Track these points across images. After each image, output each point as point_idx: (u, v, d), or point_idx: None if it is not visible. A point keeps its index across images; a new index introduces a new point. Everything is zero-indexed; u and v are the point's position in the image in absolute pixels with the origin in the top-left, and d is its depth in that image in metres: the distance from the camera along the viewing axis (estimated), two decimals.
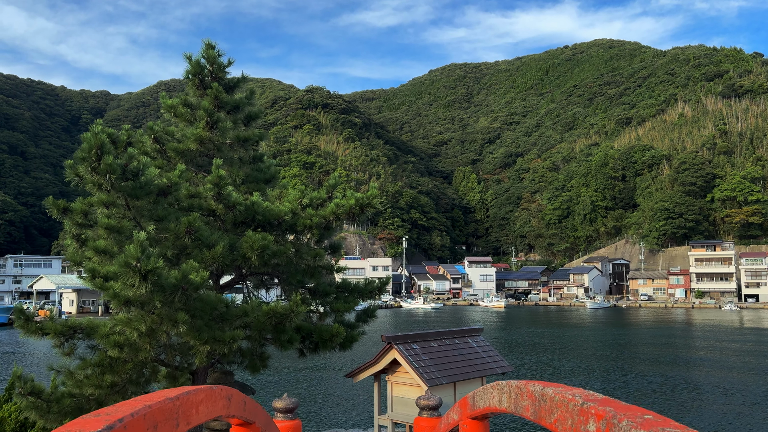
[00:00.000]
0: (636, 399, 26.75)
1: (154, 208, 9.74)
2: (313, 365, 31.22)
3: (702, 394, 27.89)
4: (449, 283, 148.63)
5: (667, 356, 42.21)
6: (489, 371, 10.11)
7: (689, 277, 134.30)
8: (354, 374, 9.96)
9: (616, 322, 79.25)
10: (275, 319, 9.59)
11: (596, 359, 40.68)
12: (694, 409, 24.64)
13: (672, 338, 54.84)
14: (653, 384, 30.59)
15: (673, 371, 34.96)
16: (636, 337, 56.74)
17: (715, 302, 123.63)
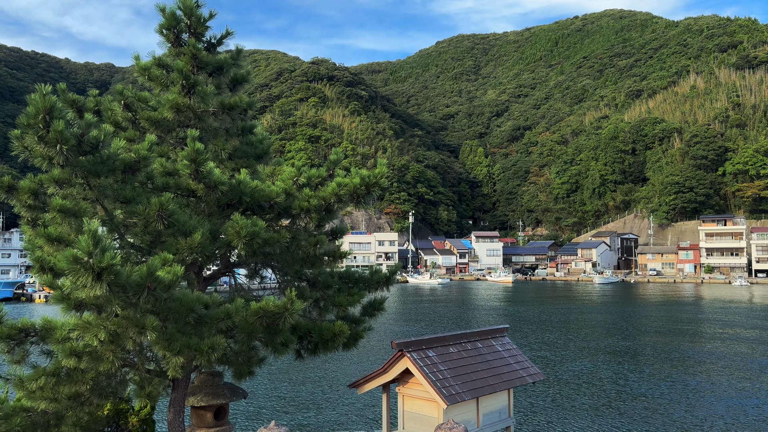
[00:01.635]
0: (643, 385, 25.36)
1: (121, 188, 8.18)
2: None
3: (713, 382, 26.46)
4: (456, 257, 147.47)
5: (676, 339, 40.77)
6: (518, 381, 8.61)
7: (699, 251, 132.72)
8: (358, 384, 8.46)
9: (625, 298, 77.91)
10: (266, 320, 8.08)
11: (603, 338, 39.33)
12: (702, 399, 23.22)
13: (681, 317, 53.38)
14: (662, 369, 29.18)
15: (683, 355, 33.53)
16: (644, 314, 55.34)
17: (724, 277, 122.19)
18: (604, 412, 21.14)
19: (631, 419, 20.12)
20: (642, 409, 21.48)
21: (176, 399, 9.42)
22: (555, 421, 19.55)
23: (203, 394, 10.44)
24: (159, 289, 6.86)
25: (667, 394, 23.66)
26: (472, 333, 8.93)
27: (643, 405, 22.03)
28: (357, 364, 29.42)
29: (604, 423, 19.64)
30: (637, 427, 19.19)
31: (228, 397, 10.55)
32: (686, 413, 20.84)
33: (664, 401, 22.60)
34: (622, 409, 21.44)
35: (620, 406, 21.84)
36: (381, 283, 11.34)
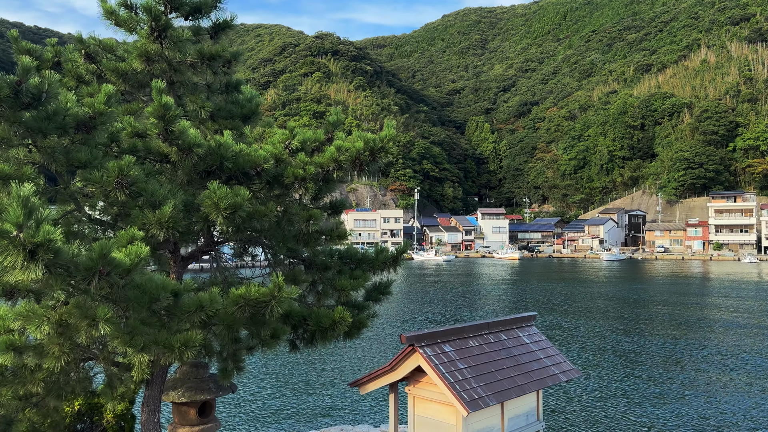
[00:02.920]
0: (651, 368, 24.14)
1: (76, 150, 6.82)
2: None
3: (725, 362, 25.23)
4: (461, 234, 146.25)
5: (685, 318, 39.54)
6: (550, 379, 7.30)
7: (708, 228, 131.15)
8: (361, 383, 7.17)
9: (632, 275, 76.64)
10: (249, 309, 6.76)
11: (611, 319, 38.14)
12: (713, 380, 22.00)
13: (689, 295, 52.11)
14: (669, 351, 27.97)
15: (693, 340, 32.30)
16: (653, 292, 54.10)
17: (733, 254, 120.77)
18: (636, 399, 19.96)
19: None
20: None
21: (151, 396, 8.16)
22: (589, 417, 18.37)
23: (185, 388, 9.19)
24: (114, 274, 5.53)
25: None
26: (494, 323, 7.60)
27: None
28: (355, 349, 28.30)
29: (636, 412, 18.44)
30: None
31: (214, 391, 9.30)
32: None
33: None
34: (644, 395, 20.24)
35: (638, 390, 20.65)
36: (387, 264, 10.01)
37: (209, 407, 9.63)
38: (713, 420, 17.51)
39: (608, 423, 17.23)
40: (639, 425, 17.05)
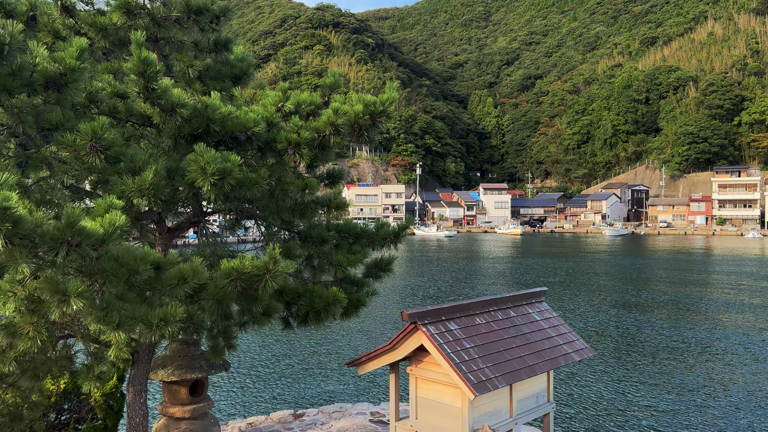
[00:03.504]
0: (653, 345, 23.80)
1: (47, 111, 6.25)
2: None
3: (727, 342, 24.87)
4: (463, 210, 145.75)
5: (687, 293, 39.17)
6: (562, 359, 6.81)
7: (711, 203, 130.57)
8: (360, 363, 6.70)
9: (634, 250, 76.20)
10: (241, 284, 6.26)
11: (612, 294, 37.78)
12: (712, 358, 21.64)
13: (690, 271, 51.71)
14: (671, 330, 27.61)
15: (693, 318, 31.95)
16: (654, 268, 53.71)
17: (736, 229, 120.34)
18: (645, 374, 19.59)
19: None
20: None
21: (136, 376, 7.70)
22: (600, 395, 18.02)
23: (175, 366, 8.72)
24: (86, 245, 5.00)
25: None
26: (502, 298, 7.09)
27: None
28: (353, 325, 27.95)
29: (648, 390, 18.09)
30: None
31: (206, 369, 8.84)
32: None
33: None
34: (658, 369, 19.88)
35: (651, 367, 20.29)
36: (388, 240, 9.48)
37: (201, 386, 9.19)
38: (716, 400, 17.15)
39: (615, 403, 16.87)
40: (643, 405, 16.69)
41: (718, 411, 15.99)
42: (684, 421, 15.28)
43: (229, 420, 11.31)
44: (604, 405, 16.55)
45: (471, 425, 6.10)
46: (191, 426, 8.94)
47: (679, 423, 15.13)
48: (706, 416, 15.59)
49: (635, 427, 14.87)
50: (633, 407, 16.33)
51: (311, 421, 10.99)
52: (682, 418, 15.50)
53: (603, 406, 16.49)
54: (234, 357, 21.10)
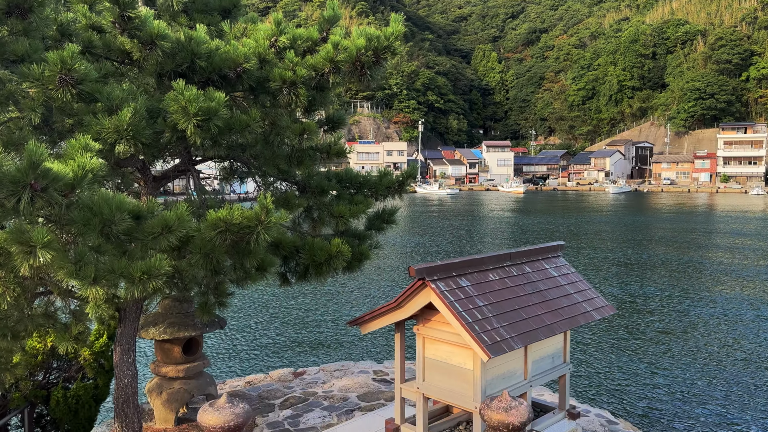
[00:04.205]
0: (655, 303, 23.45)
1: (12, 42, 5.58)
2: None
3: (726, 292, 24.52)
4: (465, 168, 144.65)
5: (688, 251, 38.79)
6: (581, 318, 6.29)
7: (716, 160, 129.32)
8: (362, 322, 6.18)
9: (636, 208, 75.60)
10: (232, 236, 5.69)
11: (613, 251, 37.40)
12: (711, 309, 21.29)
13: (691, 232, 51.25)
14: (672, 289, 27.25)
15: (693, 272, 31.60)
16: (656, 225, 53.24)
17: (740, 187, 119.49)
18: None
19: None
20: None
21: (123, 334, 7.22)
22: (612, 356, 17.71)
23: (167, 324, 8.27)
24: (53, 190, 4.42)
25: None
26: (517, 253, 6.53)
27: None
28: (354, 283, 27.59)
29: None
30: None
31: (199, 327, 8.38)
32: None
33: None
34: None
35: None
36: (392, 190, 8.91)
37: (195, 344, 8.75)
38: (719, 357, 16.83)
39: (624, 359, 16.56)
40: (651, 364, 16.37)
41: (728, 370, 15.68)
42: (691, 376, 14.97)
43: (226, 379, 10.93)
44: (607, 363, 16.24)
45: (483, 388, 5.62)
46: (185, 385, 8.54)
47: (686, 379, 14.83)
48: (712, 372, 15.28)
49: (641, 384, 14.57)
50: (638, 366, 16.02)
51: (312, 380, 10.62)
52: (689, 374, 15.19)
53: (606, 364, 16.18)
54: (231, 316, 20.78)
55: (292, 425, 8.67)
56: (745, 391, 14.07)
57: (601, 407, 10.26)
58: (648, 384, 14.61)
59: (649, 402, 13.49)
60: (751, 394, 13.84)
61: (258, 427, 8.62)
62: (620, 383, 14.67)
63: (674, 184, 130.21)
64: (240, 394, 9.94)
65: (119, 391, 7.18)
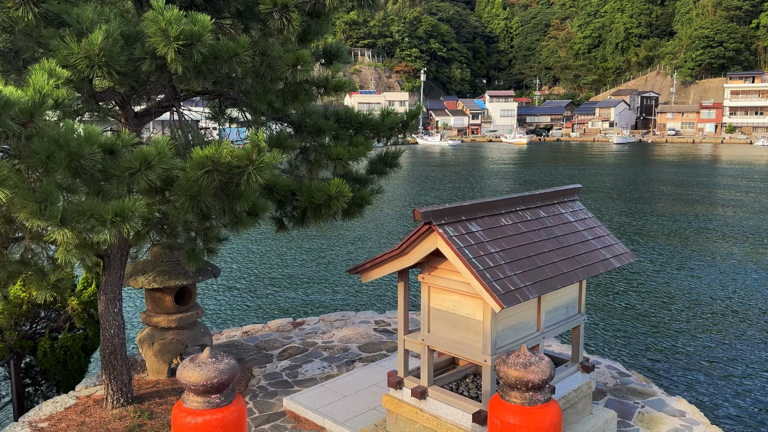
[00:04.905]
0: (659, 246, 23.10)
1: None
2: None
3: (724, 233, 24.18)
4: (468, 118, 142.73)
5: (690, 197, 38.32)
6: (600, 265, 5.82)
7: (722, 110, 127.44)
8: (363, 270, 5.72)
9: (638, 158, 74.68)
10: (220, 176, 5.18)
11: (616, 201, 36.91)
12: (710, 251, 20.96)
13: (693, 186, 50.65)
14: (672, 227, 26.89)
15: (693, 218, 31.21)
16: (658, 175, 52.61)
17: (746, 137, 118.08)
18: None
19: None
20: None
21: (108, 283, 6.79)
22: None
23: (157, 272, 7.83)
24: (6, 117, 3.88)
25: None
26: (531, 196, 6.01)
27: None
28: (353, 232, 27.21)
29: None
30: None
31: (191, 276, 7.95)
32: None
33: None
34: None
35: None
36: (395, 130, 8.35)
37: (188, 293, 8.35)
38: (724, 290, 16.54)
39: (635, 300, 16.27)
40: (663, 303, 16.08)
41: (738, 313, 15.40)
42: (695, 325, 14.70)
43: (223, 329, 10.60)
44: (611, 315, 15.96)
45: (494, 340, 5.20)
46: (178, 336, 8.17)
47: (690, 332, 14.56)
48: (720, 317, 15.01)
49: (647, 337, 14.31)
50: (642, 319, 15.75)
51: (312, 330, 10.28)
52: (690, 323, 14.92)
53: (611, 316, 15.90)
54: (228, 266, 20.45)
55: (291, 376, 8.34)
56: (753, 346, 13.81)
57: (612, 359, 9.95)
58: (655, 338, 14.34)
59: (653, 355, 13.23)
60: (759, 349, 13.59)
61: (255, 378, 8.30)
62: (626, 335, 14.41)
63: (679, 134, 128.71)
64: (237, 344, 9.61)
65: (105, 342, 6.80)
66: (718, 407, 10.61)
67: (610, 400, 7.39)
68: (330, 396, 7.49)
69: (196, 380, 3.35)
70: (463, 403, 5.50)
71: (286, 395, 7.64)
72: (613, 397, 7.49)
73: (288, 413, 7.25)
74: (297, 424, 6.98)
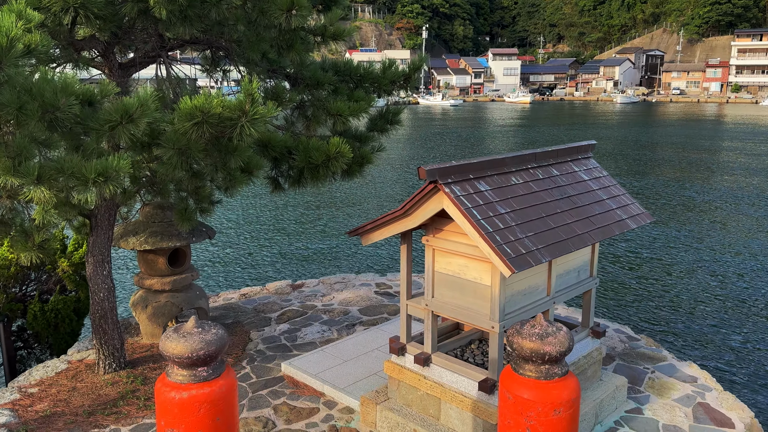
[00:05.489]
0: (665, 210, 22.82)
1: None
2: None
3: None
4: (470, 77, 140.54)
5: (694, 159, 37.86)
6: (616, 227, 5.48)
7: (728, 69, 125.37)
8: (364, 231, 5.39)
9: (643, 118, 73.72)
10: (211, 129, 4.80)
11: (619, 161, 36.46)
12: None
13: (696, 148, 50.04)
14: (681, 193, 26.57)
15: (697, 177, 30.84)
16: (664, 137, 51.95)
17: (751, 97, 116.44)
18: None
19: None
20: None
21: (96, 245, 6.48)
22: None
23: (149, 233, 7.52)
24: None
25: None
26: (543, 153, 5.64)
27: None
28: (351, 192, 26.85)
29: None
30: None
31: (185, 237, 7.64)
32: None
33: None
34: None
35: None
36: (397, 84, 7.91)
37: (182, 255, 8.05)
38: (726, 261, 16.30)
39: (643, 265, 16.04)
40: (672, 272, 15.86)
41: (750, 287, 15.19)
42: (694, 292, 14.49)
43: (220, 292, 10.35)
44: (620, 277, 15.73)
45: (502, 306, 4.91)
46: (173, 299, 7.91)
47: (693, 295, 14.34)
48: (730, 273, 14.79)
49: (656, 301, 14.10)
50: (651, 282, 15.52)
51: (311, 292, 10.04)
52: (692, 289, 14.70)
53: (619, 278, 15.67)
54: (225, 228, 20.16)
55: (289, 340, 8.12)
56: (765, 311, 13.60)
57: (620, 323, 9.73)
58: (663, 302, 14.14)
59: (661, 319, 13.04)
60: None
61: (253, 342, 8.08)
62: (634, 299, 14.20)
63: (683, 94, 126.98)
64: (234, 307, 9.37)
65: (95, 306, 6.53)
66: (731, 373, 10.43)
67: (619, 365, 7.17)
68: (330, 361, 7.27)
69: (181, 352, 3.06)
70: (468, 371, 5.25)
71: (284, 360, 7.42)
72: (622, 362, 7.26)
73: (286, 378, 7.03)
74: (295, 390, 6.77)
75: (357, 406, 6.30)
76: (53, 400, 6.38)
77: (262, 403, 6.48)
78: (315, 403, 6.50)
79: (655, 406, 6.29)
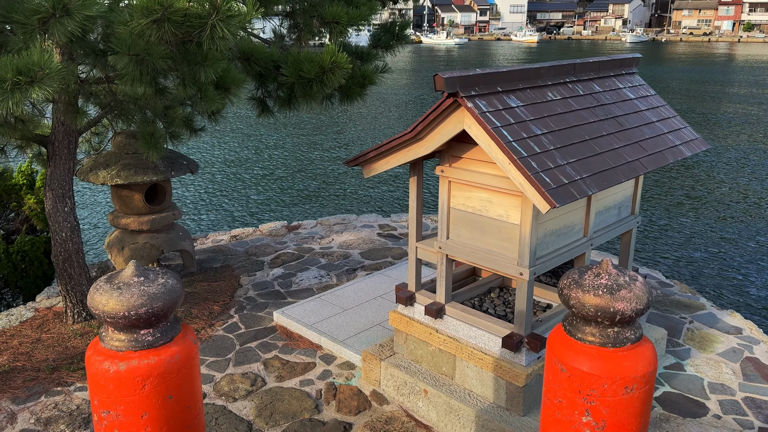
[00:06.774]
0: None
1: None
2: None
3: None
4: (476, 15, 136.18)
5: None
6: (669, 154, 4.56)
7: (741, 7, 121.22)
8: (365, 161, 4.49)
9: (655, 58, 71.35)
10: (174, 29, 3.83)
11: None
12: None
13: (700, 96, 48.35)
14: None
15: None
16: (684, 74, 50.20)
17: (764, 36, 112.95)
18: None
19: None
20: None
21: (54, 177, 5.58)
22: None
23: (121, 166, 6.62)
24: None
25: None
26: (582, 64, 4.66)
27: None
28: (346, 126, 25.72)
29: None
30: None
31: (162, 171, 6.75)
32: None
33: None
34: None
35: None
36: None
37: (162, 191, 7.17)
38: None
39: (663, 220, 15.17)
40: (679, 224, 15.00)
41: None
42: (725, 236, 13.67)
43: (209, 233, 9.53)
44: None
45: (533, 249, 4.05)
46: (152, 240, 7.08)
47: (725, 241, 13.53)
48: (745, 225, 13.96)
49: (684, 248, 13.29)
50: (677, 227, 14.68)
51: (308, 234, 9.21)
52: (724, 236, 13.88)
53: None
54: (212, 165, 19.15)
55: (283, 286, 7.33)
56: None
57: (650, 267, 8.92)
58: (695, 244, 13.33)
59: (695, 264, 12.25)
60: None
61: (243, 288, 7.30)
62: (665, 241, 13.39)
63: (694, 33, 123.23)
64: (224, 249, 8.56)
65: (57, 247, 5.70)
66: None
67: (652, 314, 6.38)
68: (328, 309, 6.49)
69: (114, 309, 2.21)
70: (490, 324, 4.44)
71: (277, 308, 6.64)
72: (655, 311, 6.48)
73: (279, 329, 6.27)
74: (289, 342, 6.02)
75: (358, 361, 5.56)
76: (13, 354, 5.63)
77: (250, 357, 5.73)
78: (311, 357, 5.76)
79: (697, 362, 5.53)
